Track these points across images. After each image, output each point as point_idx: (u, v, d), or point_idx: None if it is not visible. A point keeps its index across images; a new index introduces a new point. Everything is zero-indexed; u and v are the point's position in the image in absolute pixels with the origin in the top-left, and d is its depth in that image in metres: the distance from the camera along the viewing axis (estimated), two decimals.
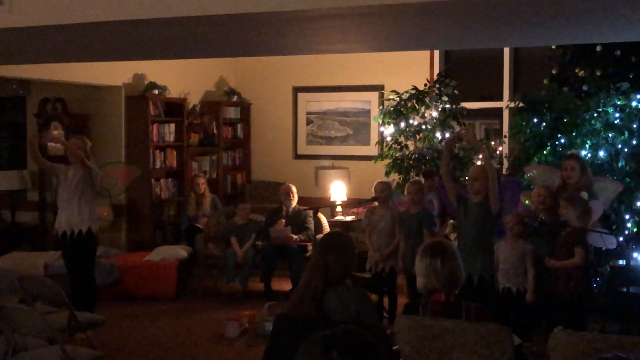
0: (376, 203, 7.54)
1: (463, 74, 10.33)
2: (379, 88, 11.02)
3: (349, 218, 9.62)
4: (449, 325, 3.53)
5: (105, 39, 5.89)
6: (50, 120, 10.14)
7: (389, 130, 9.11)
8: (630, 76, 8.29)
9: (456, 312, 3.69)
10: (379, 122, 9.45)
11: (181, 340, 7.18)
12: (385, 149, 9.15)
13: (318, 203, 9.97)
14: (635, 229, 7.63)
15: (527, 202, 6.87)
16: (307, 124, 11.70)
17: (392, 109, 9.04)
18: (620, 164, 7.70)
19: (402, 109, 8.93)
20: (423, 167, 8.67)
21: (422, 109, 8.95)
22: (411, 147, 9.02)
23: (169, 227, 10.67)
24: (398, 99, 9.09)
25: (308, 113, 11.70)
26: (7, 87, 10.54)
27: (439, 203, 7.56)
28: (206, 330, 7.53)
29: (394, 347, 4.00)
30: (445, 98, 8.99)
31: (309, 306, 4.12)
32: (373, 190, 7.57)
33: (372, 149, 11.09)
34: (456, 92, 9.12)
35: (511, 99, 10.14)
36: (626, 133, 7.74)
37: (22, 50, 6.64)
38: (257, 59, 11.23)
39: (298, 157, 11.77)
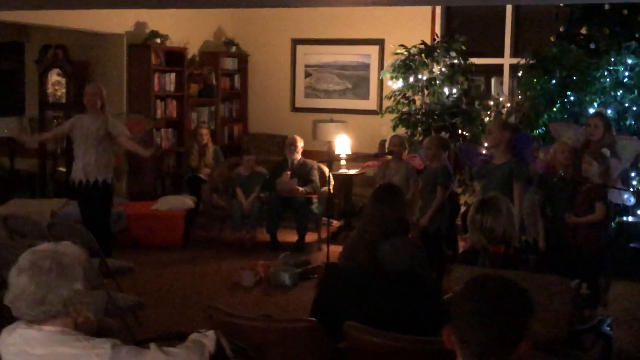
0: (389, 157, 7.61)
1: (463, 30, 10.33)
2: (379, 42, 11.06)
3: (352, 171, 9.68)
4: (511, 275, 3.63)
5: None
6: (51, 67, 10.04)
7: (397, 84, 9.15)
8: (636, 35, 8.43)
9: (514, 264, 3.81)
10: (386, 77, 9.45)
11: (198, 288, 7.27)
12: (393, 104, 9.19)
13: (316, 156, 10.01)
14: None
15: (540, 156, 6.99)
16: (305, 77, 11.69)
17: (399, 63, 9.07)
18: (627, 122, 7.85)
19: (411, 64, 8.97)
20: (431, 120, 8.75)
21: (432, 64, 9.00)
22: (418, 103, 9.09)
23: (169, 177, 10.70)
24: (407, 53, 9.12)
25: (306, 66, 11.69)
26: (5, 32, 10.39)
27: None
28: (220, 278, 7.63)
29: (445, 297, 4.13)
30: (453, 54, 9.03)
31: (362, 257, 4.21)
32: (387, 144, 7.64)
33: (371, 103, 11.19)
34: (463, 47, 9.17)
35: (512, 56, 10.28)
36: (635, 92, 7.88)
37: None
38: (256, 10, 11.18)
39: (296, 109, 11.78)
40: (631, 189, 6.86)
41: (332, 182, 9.37)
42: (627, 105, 7.91)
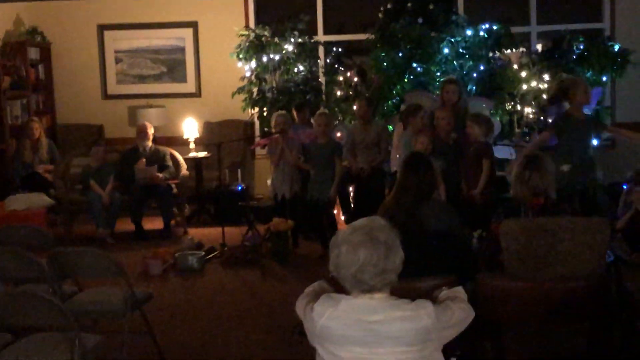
0: (278, 135, 7.90)
1: (276, 13, 10.67)
2: (193, 25, 11.17)
3: (201, 154, 9.75)
4: (562, 221, 4.22)
5: None
6: None
7: (250, 65, 9.41)
8: (454, 9, 9.45)
9: (554, 213, 4.40)
10: (237, 58, 9.60)
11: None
12: (247, 84, 9.44)
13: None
14: None
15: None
16: (117, 63, 11.46)
17: (248, 44, 9.34)
18: (469, 87, 8.82)
19: (262, 44, 9.26)
20: (281, 97, 9.15)
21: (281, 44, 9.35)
22: (270, 82, 9.41)
23: None
24: (253, 34, 9.40)
25: (116, 51, 11.45)
26: None
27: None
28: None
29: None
30: (296, 33, 9.45)
31: (401, 220, 4.58)
32: (273, 123, 7.91)
33: (190, 86, 11.28)
34: (302, 27, 9.61)
35: (325, 33, 10.90)
36: (472, 60, 8.85)
37: None
38: None
39: (108, 97, 11.51)
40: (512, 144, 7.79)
41: (183, 165, 9.45)
42: (465, 72, 8.88)
